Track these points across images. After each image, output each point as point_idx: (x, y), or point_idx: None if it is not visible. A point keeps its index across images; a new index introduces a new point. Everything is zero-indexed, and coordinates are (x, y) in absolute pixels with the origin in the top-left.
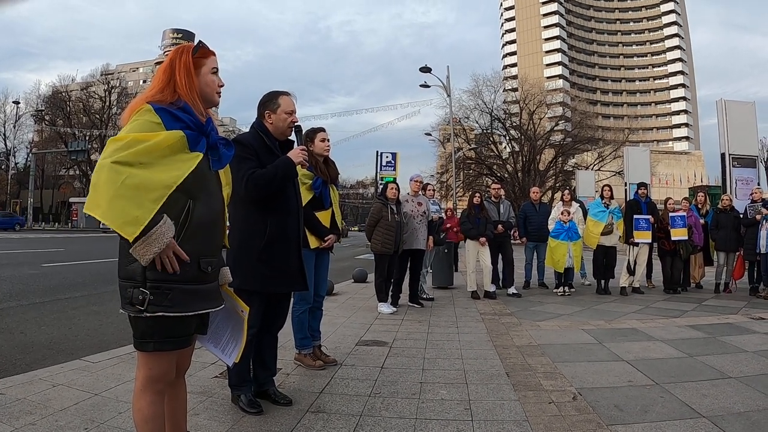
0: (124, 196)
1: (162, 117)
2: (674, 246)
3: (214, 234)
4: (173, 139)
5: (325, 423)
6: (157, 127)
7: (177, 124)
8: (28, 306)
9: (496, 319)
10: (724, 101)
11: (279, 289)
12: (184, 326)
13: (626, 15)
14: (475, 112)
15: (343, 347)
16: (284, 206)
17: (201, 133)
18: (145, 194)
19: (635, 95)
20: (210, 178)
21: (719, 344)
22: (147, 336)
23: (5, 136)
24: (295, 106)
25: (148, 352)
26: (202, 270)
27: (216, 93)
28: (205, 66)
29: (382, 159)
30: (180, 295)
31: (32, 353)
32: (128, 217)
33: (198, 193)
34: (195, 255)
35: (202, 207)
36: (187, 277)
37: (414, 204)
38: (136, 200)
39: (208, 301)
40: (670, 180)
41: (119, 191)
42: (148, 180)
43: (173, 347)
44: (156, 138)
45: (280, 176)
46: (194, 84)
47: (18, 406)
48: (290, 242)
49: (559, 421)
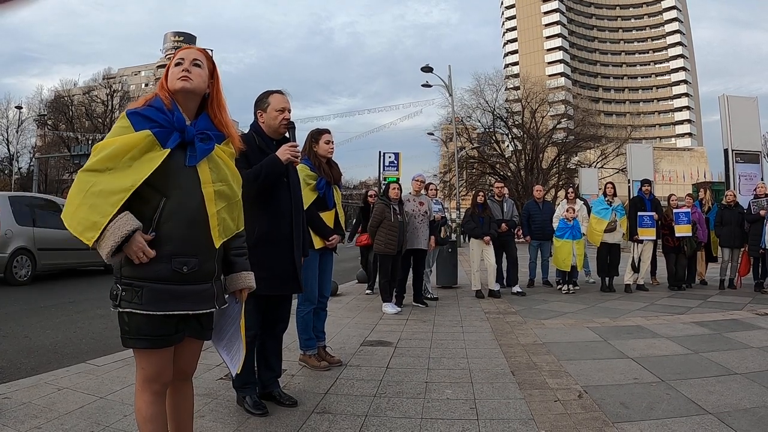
0: (86, 204)
1: (131, 120)
2: (678, 243)
3: (192, 233)
4: (138, 140)
5: (331, 424)
6: (127, 131)
7: (147, 124)
8: (33, 310)
9: (500, 318)
10: (727, 97)
11: (270, 291)
12: (158, 325)
13: (627, 12)
14: (478, 111)
15: (347, 348)
16: (275, 208)
17: (174, 129)
18: (105, 199)
19: (637, 92)
20: (184, 175)
21: (725, 340)
22: (124, 332)
23: (8, 141)
24: (289, 103)
25: (136, 350)
26: (175, 269)
27: (176, 79)
28: (172, 61)
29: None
30: (150, 293)
31: (37, 357)
32: (88, 223)
33: (170, 191)
34: (168, 253)
35: (173, 204)
36: (159, 275)
37: (415, 203)
38: (96, 207)
39: (186, 302)
40: (673, 176)
41: (84, 200)
42: (111, 185)
43: (149, 345)
44: (119, 142)
45: (263, 174)
46: (164, 83)
47: (23, 410)
48: (282, 244)
49: (564, 420)
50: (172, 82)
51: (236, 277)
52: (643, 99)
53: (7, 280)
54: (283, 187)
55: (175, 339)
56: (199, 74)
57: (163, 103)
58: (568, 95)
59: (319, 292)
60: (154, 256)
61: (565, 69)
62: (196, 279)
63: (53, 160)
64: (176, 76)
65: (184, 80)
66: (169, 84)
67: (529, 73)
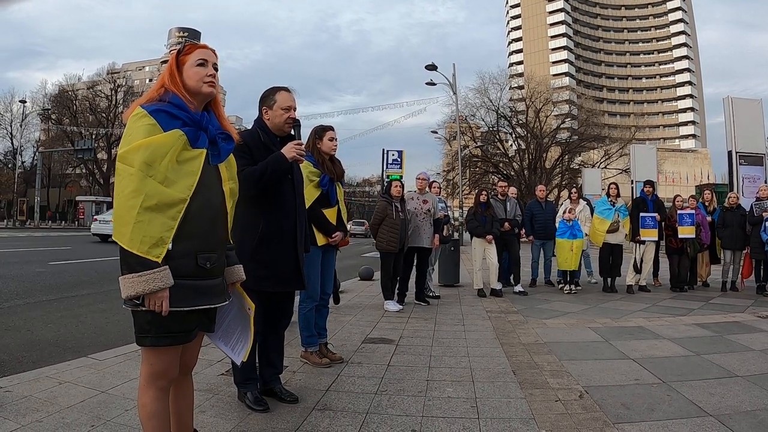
0: (144, 221)
1: (156, 117)
2: (682, 244)
3: (214, 229)
4: (173, 140)
5: (332, 420)
6: (155, 129)
7: (174, 122)
8: (35, 304)
9: (502, 317)
10: (731, 99)
11: (273, 288)
12: (182, 322)
13: (632, 12)
14: (482, 109)
15: (349, 345)
16: (279, 205)
17: (199, 128)
18: (164, 213)
19: (642, 93)
20: (208, 173)
21: (726, 343)
22: (144, 330)
23: (12, 135)
24: (295, 101)
25: (149, 348)
26: (200, 265)
27: (202, 83)
28: (188, 61)
29: (389, 157)
30: (177, 290)
31: (39, 351)
32: (154, 240)
33: (197, 188)
34: (192, 250)
35: (199, 202)
36: (184, 272)
37: (419, 201)
38: (157, 222)
39: (208, 297)
40: (677, 178)
41: (140, 216)
42: (164, 197)
43: (171, 342)
44: (155, 143)
45: (269, 172)
46: (177, 80)
47: (25, 404)
48: (286, 241)
49: (565, 420)
50: (196, 83)
51: (230, 271)
52: (648, 100)
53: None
54: (287, 184)
55: (193, 334)
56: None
57: (182, 100)
58: (573, 95)
59: (322, 289)
60: (179, 253)
61: (570, 69)
62: (214, 274)
63: (57, 155)
64: (202, 79)
65: (212, 86)
66: (190, 84)
67: (534, 73)
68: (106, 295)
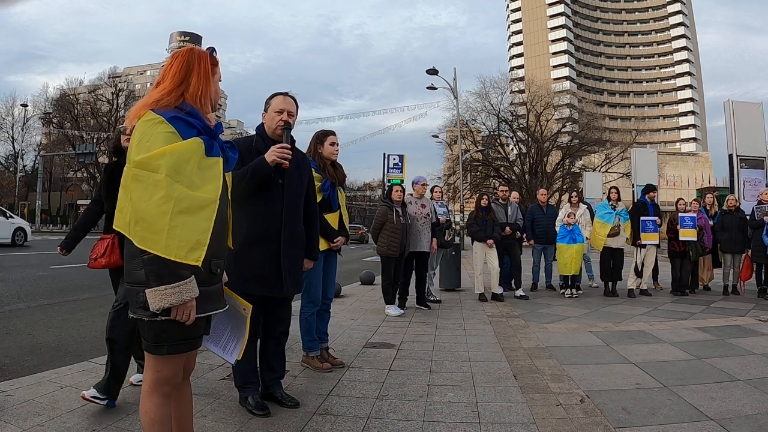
0: (178, 225)
1: (175, 125)
2: (684, 247)
3: (223, 236)
4: (194, 147)
5: (333, 425)
6: (174, 137)
7: (191, 131)
8: (36, 307)
9: (503, 322)
10: (732, 102)
11: (253, 290)
12: (196, 327)
13: (633, 16)
14: (482, 114)
15: (350, 349)
16: (265, 208)
17: (212, 137)
18: (197, 215)
19: (642, 96)
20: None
21: (727, 346)
22: (161, 339)
23: (14, 139)
24: (290, 105)
25: (159, 356)
26: (213, 272)
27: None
28: (216, 74)
29: (390, 161)
30: (198, 297)
31: (40, 355)
32: (191, 244)
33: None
34: (209, 257)
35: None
36: (200, 279)
37: (417, 206)
38: (191, 225)
39: (215, 302)
40: (678, 181)
41: (173, 221)
42: (194, 200)
43: (188, 348)
44: (179, 149)
45: (249, 176)
46: (209, 92)
47: (26, 408)
48: (270, 245)
49: (566, 424)
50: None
51: None
52: (648, 103)
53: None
54: (275, 188)
55: (201, 339)
56: None
57: (196, 110)
58: (573, 99)
59: (323, 293)
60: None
61: (571, 72)
62: (219, 279)
63: (58, 159)
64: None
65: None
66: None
67: (535, 77)
68: (108, 299)
